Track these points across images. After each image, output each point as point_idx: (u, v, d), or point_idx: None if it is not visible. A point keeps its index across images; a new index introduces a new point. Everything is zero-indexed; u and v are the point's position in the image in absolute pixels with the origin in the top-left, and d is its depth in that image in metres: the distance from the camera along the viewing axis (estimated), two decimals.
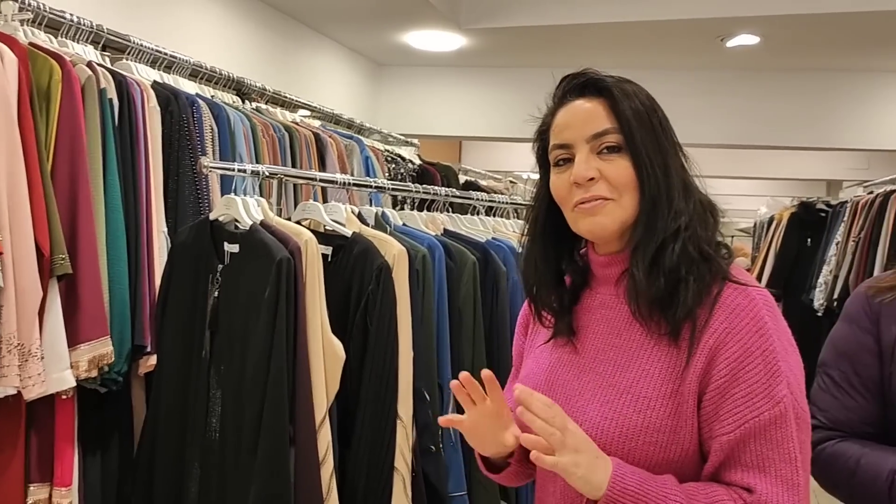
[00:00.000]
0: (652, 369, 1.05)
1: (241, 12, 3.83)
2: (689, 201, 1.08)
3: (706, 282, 1.04)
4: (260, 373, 1.59)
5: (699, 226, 1.07)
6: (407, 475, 1.77)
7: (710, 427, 1.02)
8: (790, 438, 0.99)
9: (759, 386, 0.99)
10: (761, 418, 0.98)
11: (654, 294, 1.04)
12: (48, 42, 1.96)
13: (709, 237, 1.07)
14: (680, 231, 1.05)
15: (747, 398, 0.99)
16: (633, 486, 0.98)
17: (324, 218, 1.90)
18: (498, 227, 2.65)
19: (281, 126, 2.63)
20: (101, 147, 1.83)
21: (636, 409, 1.04)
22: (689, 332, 1.02)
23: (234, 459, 1.63)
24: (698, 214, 1.08)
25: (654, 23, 4.20)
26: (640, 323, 1.07)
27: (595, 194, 1.07)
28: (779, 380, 0.99)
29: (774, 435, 0.99)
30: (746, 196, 10.18)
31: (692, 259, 1.04)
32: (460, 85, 5.47)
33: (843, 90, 5.14)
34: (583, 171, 1.07)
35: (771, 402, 0.98)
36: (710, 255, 1.05)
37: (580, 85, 1.13)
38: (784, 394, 0.99)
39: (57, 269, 1.67)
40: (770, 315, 1.03)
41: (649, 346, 1.06)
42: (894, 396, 1.27)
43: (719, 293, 1.03)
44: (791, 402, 0.99)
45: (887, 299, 1.30)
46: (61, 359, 1.69)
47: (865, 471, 1.22)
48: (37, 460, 1.75)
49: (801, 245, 5.39)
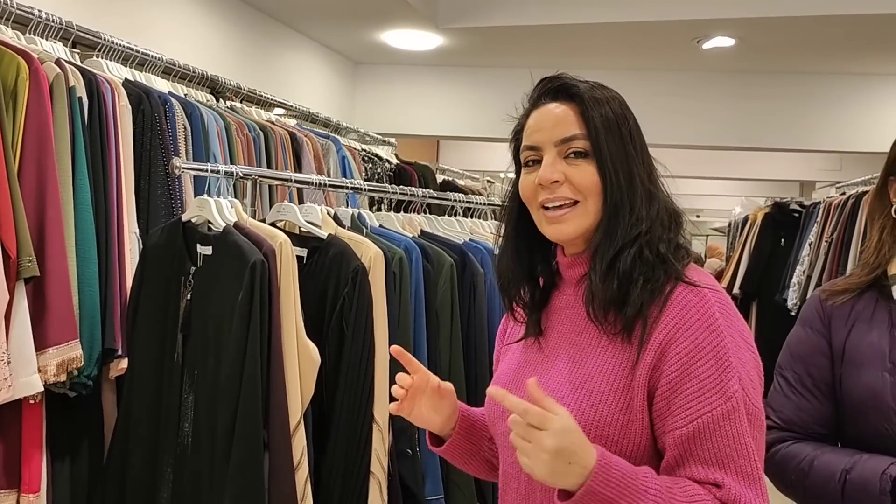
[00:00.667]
0: (605, 365, 1.08)
1: (216, 9, 3.79)
2: (651, 209, 1.10)
3: (659, 282, 1.06)
4: (233, 377, 1.56)
5: (660, 232, 1.09)
6: (383, 479, 1.75)
7: (662, 422, 1.04)
8: (744, 433, 1.01)
9: (710, 381, 1.01)
10: (714, 413, 1.00)
11: (607, 296, 1.07)
12: (15, 39, 1.92)
13: (668, 241, 1.10)
14: (639, 237, 1.08)
15: (699, 393, 1.01)
16: (616, 476, 0.97)
17: (299, 219, 1.88)
18: (475, 228, 2.64)
19: (256, 125, 2.60)
20: (70, 147, 1.79)
21: (589, 404, 1.06)
22: (640, 329, 1.05)
23: (207, 465, 1.61)
24: (661, 221, 1.10)
25: (630, 24, 4.21)
26: (595, 324, 1.10)
27: (559, 196, 1.11)
28: (730, 375, 1.01)
29: (728, 430, 1.00)
30: (721, 196, 10.28)
31: (648, 262, 1.07)
32: (438, 84, 5.45)
33: (816, 93, 5.20)
34: (548, 174, 1.11)
35: (723, 397, 1.00)
36: (667, 257, 1.08)
37: (554, 89, 1.15)
38: (736, 388, 1.00)
39: (24, 272, 1.63)
40: (722, 312, 1.04)
41: (605, 343, 1.09)
42: (845, 398, 1.30)
43: (671, 292, 1.06)
44: (742, 398, 1.01)
45: (838, 302, 1.34)
46: (29, 363, 1.65)
47: (818, 472, 1.25)
48: (3, 466, 1.71)
49: (775, 245, 5.45)
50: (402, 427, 1.84)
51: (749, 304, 5.50)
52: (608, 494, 0.96)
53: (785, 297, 4.79)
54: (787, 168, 7.80)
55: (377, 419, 1.75)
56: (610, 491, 0.96)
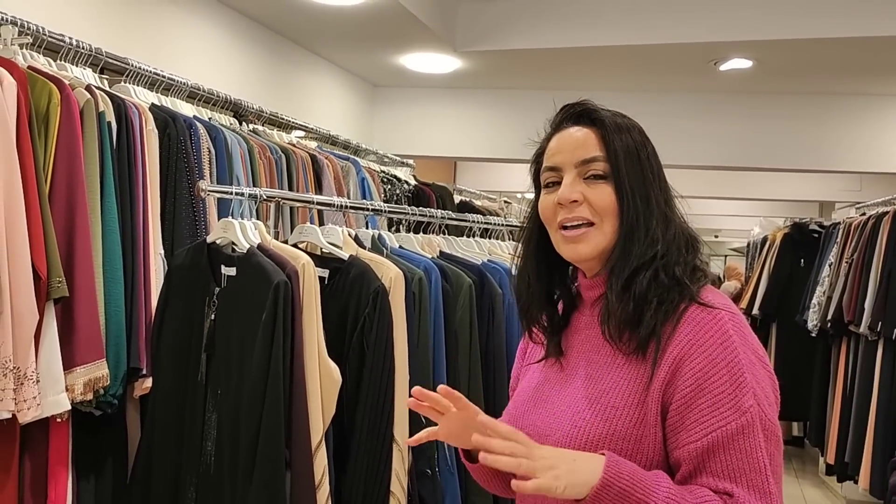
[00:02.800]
0: (621, 381, 1.10)
1: (238, 34, 3.86)
2: (668, 232, 1.13)
3: (674, 303, 1.08)
4: (256, 396, 1.59)
5: (676, 255, 1.12)
6: (403, 499, 1.76)
7: (676, 437, 1.05)
8: (758, 448, 1.01)
9: (724, 396, 1.02)
10: (728, 428, 1.01)
11: (622, 317, 1.10)
12: (47, 65, 1.98)
13: (684, 264, 1.12)
14: (655, 259, 1.10)
15: (713, 408, 1.02)
16: (628, 471, 1.00)
17: (321, 241, 1.91)
18: (493, 249, 2.66)
19: (278, 148, 2.64)
20: (99, 170, 1.83)
21: (603, 418, 1.08)
22: (654, 347, 1.07)
23: (229, 484, 1.62)
24: (677, 245, 1.13)
25: (647, 47, 4.24)
26: (610, 343, 1.12)
27: (577, 216, 1.13)
28: (745, 390, 1.02)
29: (742, 445, 1.01)
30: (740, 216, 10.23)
31: (663, 284, 1.09)
32: (455, 106, 5.50)
33: (835, 113, 5.19)
34: (567, 193, 1.14)
35: (737, 413, 1.01)
36: (682, 279, 1.10)
37: (576, 114, 1.19)
38: (750, 404, 1.02)
39: (54, 293, 1.67)
40: (736, 329, 1.06)
41: (620, 361, 1.11)
42: None
43: (684, 311, 1.08)
44: (758, 413, 1.02)
45: None
46: (57, 382, 1.68)
47: None
48: (31, 484, 1.73)
49: (795, 266, 5.42)
50: (422, 447, 1.85)
51: (769, 326, 5.47)
52: (621, 486, 0.98)
53: (805, 319, 4.75)
54: (807, 188, 7.76)
55: (397, 439, 1.76)
56: (623, 483, 0.98)
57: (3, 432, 1.67)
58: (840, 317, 4.18)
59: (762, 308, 5.42)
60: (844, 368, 4.34)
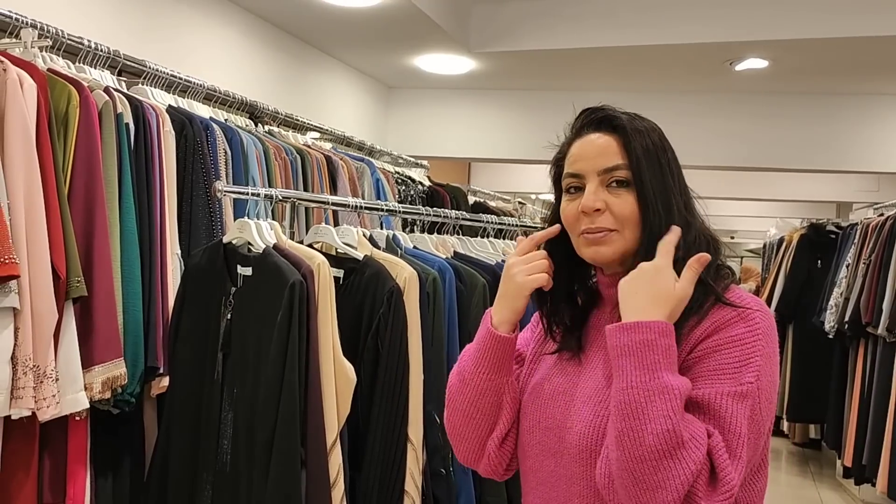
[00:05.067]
0: None
1: (254, 37, 3.89)
2: (688, 236, 1.14)
3: (698, 302, 1.09)
4: (272, 395, 1.60)
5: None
6: (417, 498, 1.77)
7: None
8: (741, 416, 1.02)
9: (729, 367, 1.04)
10: (720, 390, 1.02)
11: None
12: (66, 68, 2.00)
13: (706, 267, 1.12)
14: (676, 263, 1.10)
15: (714, 371, 1.04)
16: (665, 344, 1.02)
17: (336, 241, 1.92)
18: (507, 249, 2.66)
19: (293, 149, 2.65)
20: (117, 171, 1.85)
21: None
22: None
23: (245, 482, 1.64)
24: (697, 247, 1.13)
25: (663, 47, 4.22)
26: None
27: (600, 226, 1.15)
28: (750, 368, 1.03)
29: (729, 407, 1.02)
30: (756, 217, 10.16)
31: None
32: (469, 107, 5.50)
33: (851, 113, 5.15)
34: (591, 202, 1.15)
35: (735, 383, 1.03)
36: (705, 280, 1.10)
37: (597, 120, 1.19)
38: (750, 381, 1.03)
39: (73, 292, 1.69)
40: (764, 323, 1.07)
41: None
42: None
43: (709, 308, 1.09)
44: (755, 393, 1.03)
45: None
46: (75, 380, 1.70)
47: None
48: (50, 481, 1.75)
49: (812, 267, 5.38)
50: (436, 447, 1.86)
51: (785, 327, 5.43)
52: (654, 340, 1.01)
53: (822, 320, 4.72)
54: (824, 189, 7.70)
55: (411, 438, 1.77)
56: (662, 342, 1.01)
57: (23, 430, 1.69)
58: (857, 318, 4.15)
59: (778, 309, 5.38)
60: (862, 370, 4.31)
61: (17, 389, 1.60)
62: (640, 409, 0.98)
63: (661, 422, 0.97)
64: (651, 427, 0.97)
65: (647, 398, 0.98)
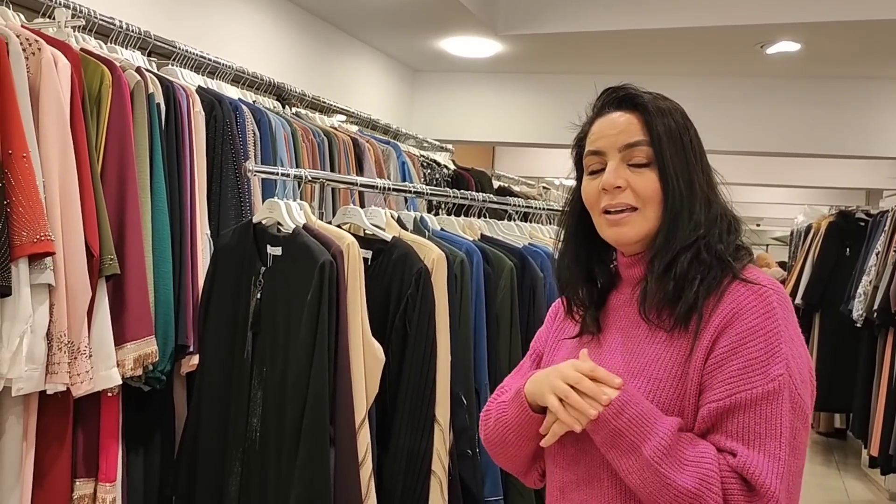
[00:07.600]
0: (663, 354, 1.11)
1: (281, 19, 3.89)
2: (710, 213, 1.14)
3: (717, 279, 1.10)
4: (301, 374, 1.61)
5: (717, 235, 1.13)
6: (444, 478, 1.78)
7: (702, 397, 1.06)
8: (779, 416, 1.02)
9: (756, 362, 1.03)
10: (754, 392, 1.02)
11: (660, 297, 1.11)
12: (98, 48, 2.01)
13: (727, 244, 1.13)
14: (697, 241, 1.11)
15: (743, 371, 1.04)
16: (632, 412, 1.04)
17: (364, 222, 1.93)
18: (534, 232, 2.65)
19: (320, 131, 2.66)
20: (149, 150, 1.87)
21: (647, 391, 1.10)
22: (696, 321, 1.08)
23: (274, 459, 1.65)
24: (718, 225, 1.13)
25: (692, 29, 4.16)
26: (647, 323, 1.14)
27: (621, 202, 1.14)
28: (777, 359, 1.03)
29: (764, 410, 1.02)
30: (783, 204, 10.04)
31: (705, 262, 1.10)
32: (495, 91, 5.47)
33: (883, 98, 5.05)
34: (611, 179, 1.14)
35: (766, 378, 1.02)
36: (723, 256, 1.11)
37: (618, 99, 1.19)
38: (780, 373, 1.03)
39: (106, 270, 1.71)
40: (780, 303, 1.07)
41: (661, 335, 1.13)
42: None
43: (727, 286, 1.09)
44: (788, 383, 1.03)
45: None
46: (108, 357, 1.72)
47: None
48: (83, 456, 1.79)
49: (840, 255, 5.30)
50: (463, 427, 1.87)
51: (812, 315, 5.37)
52: (617, 426, 1.03)
53: (850, 309, 4.66)
54: (853, 176, 7.58)
55: (438, 419, 1.78)
56: (620, 423, 1.03)
57: (57, 405, 1.72)
58: (886, 307, 4.09)
59: (805, 298, 5.32)
60: (890, 359, 4.25)
61: (51, 365, 1.63)
62: (645, 491, 1.04)
63: (665, 492, 1.02)
64: (662, 501, 1.03)
65: (643, 480, 1.03)
